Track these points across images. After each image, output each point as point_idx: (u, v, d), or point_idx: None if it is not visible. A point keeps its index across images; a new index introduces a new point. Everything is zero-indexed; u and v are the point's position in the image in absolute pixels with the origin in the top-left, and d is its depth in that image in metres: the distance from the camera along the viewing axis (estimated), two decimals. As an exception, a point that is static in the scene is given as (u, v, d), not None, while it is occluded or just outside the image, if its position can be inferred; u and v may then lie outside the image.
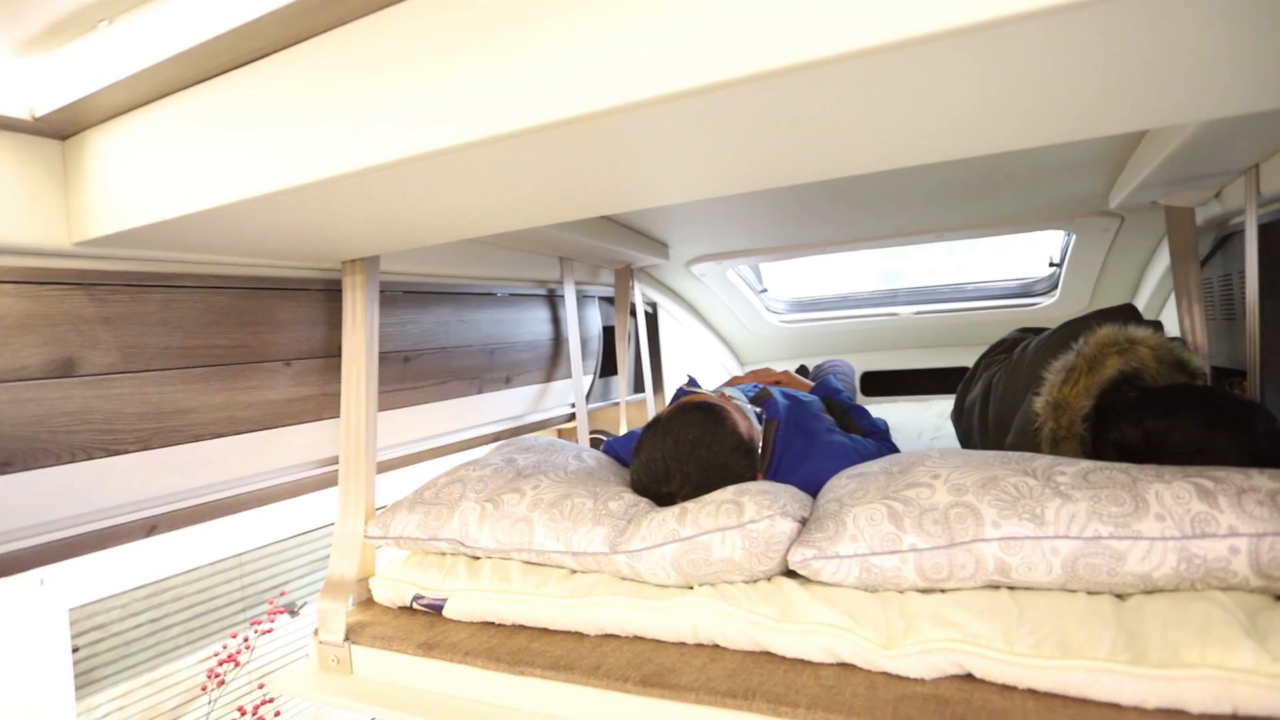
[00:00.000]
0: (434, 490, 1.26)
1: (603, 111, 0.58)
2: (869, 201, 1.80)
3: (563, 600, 1.04)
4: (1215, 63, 0.56)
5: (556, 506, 1.12)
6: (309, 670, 1.16)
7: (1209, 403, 1.06)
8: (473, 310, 1.78)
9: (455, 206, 0.93)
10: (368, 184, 0.77)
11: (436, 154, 0.67)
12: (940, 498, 0.92)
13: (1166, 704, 0.71)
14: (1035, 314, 2.60)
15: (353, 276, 1.26)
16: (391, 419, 1.53)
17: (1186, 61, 0.55)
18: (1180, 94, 0.63)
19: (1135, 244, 2.16)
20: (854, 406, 1.68)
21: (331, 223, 0.97)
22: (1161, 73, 0.57)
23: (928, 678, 0.82)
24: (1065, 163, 1.54)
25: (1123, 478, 0.87)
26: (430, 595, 1.16)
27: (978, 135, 0.73)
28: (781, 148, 0.74)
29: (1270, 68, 0.58)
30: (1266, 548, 0.76)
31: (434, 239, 1.15)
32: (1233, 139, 1.12)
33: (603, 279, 2.28)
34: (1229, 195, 1.43)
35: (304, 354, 1.31)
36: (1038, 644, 0.78)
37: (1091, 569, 0.83)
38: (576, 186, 0.87)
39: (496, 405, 1.88)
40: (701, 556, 0.98)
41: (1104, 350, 1.21)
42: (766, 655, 0.92)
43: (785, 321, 2.96)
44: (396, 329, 1.53)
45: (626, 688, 0.89)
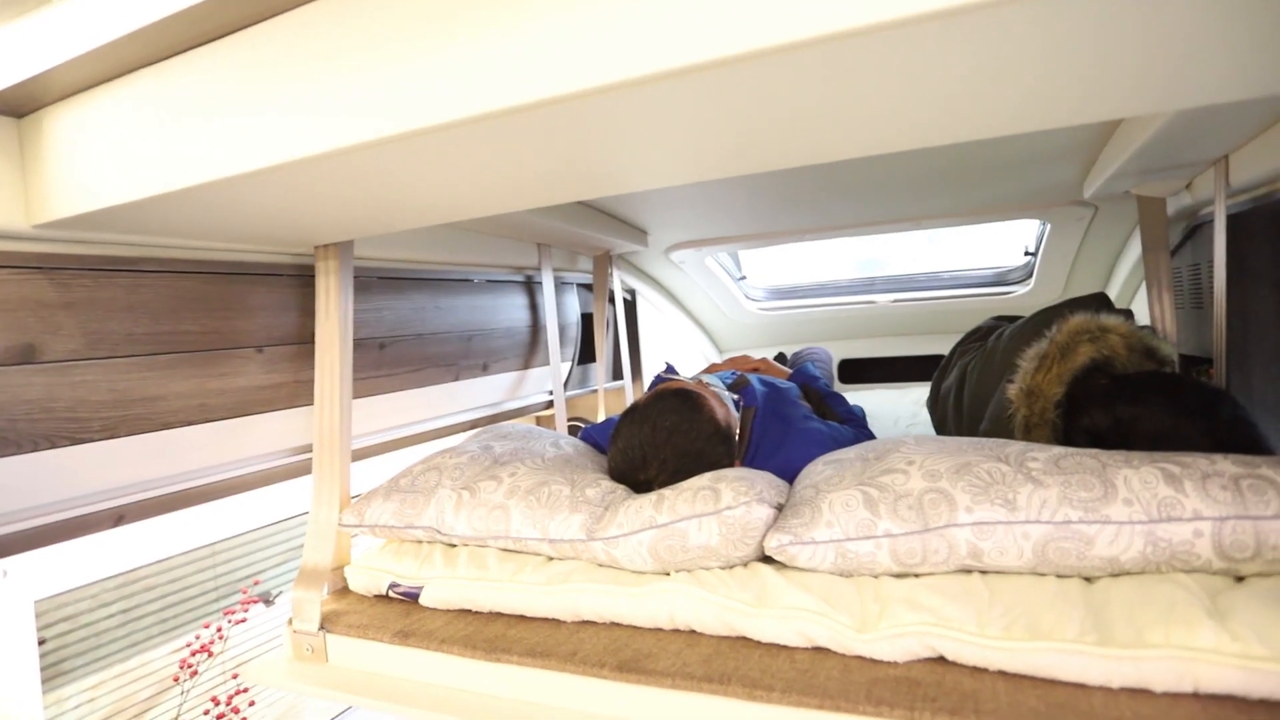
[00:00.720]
0: (410, 478, 1.25)
1: (575, 94, 0.57)
2: (848, 189, 1.81)
3: (540, 587, 1.04)
4: (1199, 50, 0.56)
5: (533, 494, 1.12)
6: (283, 659, 1.15)
7: (1176, 390, 1.08)
8: (449, 297, 1.76)
9: (428, 191, 0.92)
10: (339, 167, 0.75)
11: (408, 136, 0.66)
12: (915, 484, 0.93)
13: (1131, 683, 0.72)
14: (1011, 302, 2.64)
15: (326, 262, 1.24)
16: (367, 406, 1.52)
17: (1172, 48, 0.56)
18: (1163, 81, 0.63)
19: (1108, 233, 2.19)
20: (831, 393, 1.69)
21: (302, 207, 0.96)
22: (1147, 59, 0.58)
23: (901, 660, 0.83)
24: (1041, 152, 1.55)
25: (1093, 463, 0.88)
26: (406, 583, 1.15)
27: (959, 122, 0.73)
28: (760, 133, 0.74)
29: (1247, 56, 0.58)
30: (1229, 531, 0.78)
31: (408, 224, 1.13)
32: (1203, 130, 1.13)
33: (581, 266, 2.27)
34: (1199, 186, 1.45)
35: (276, 340, 1.29)
36: (1008, 627, 0.79)
37: (1061, 553, 0.84)
38: (551, 171, 0.86)
39: (474, 393, 1.87)
40: (678, 543, 0.98)
41: (1076, 338, 1.23)
42: (742, 640, 0.92)
43: (764, 309, 2.97)
44: (372, 315, 1.51)
45: (603, 673, 0.90)
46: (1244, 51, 0.57)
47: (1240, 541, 0.77)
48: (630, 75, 0.55)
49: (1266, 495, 0.77)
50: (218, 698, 2.14)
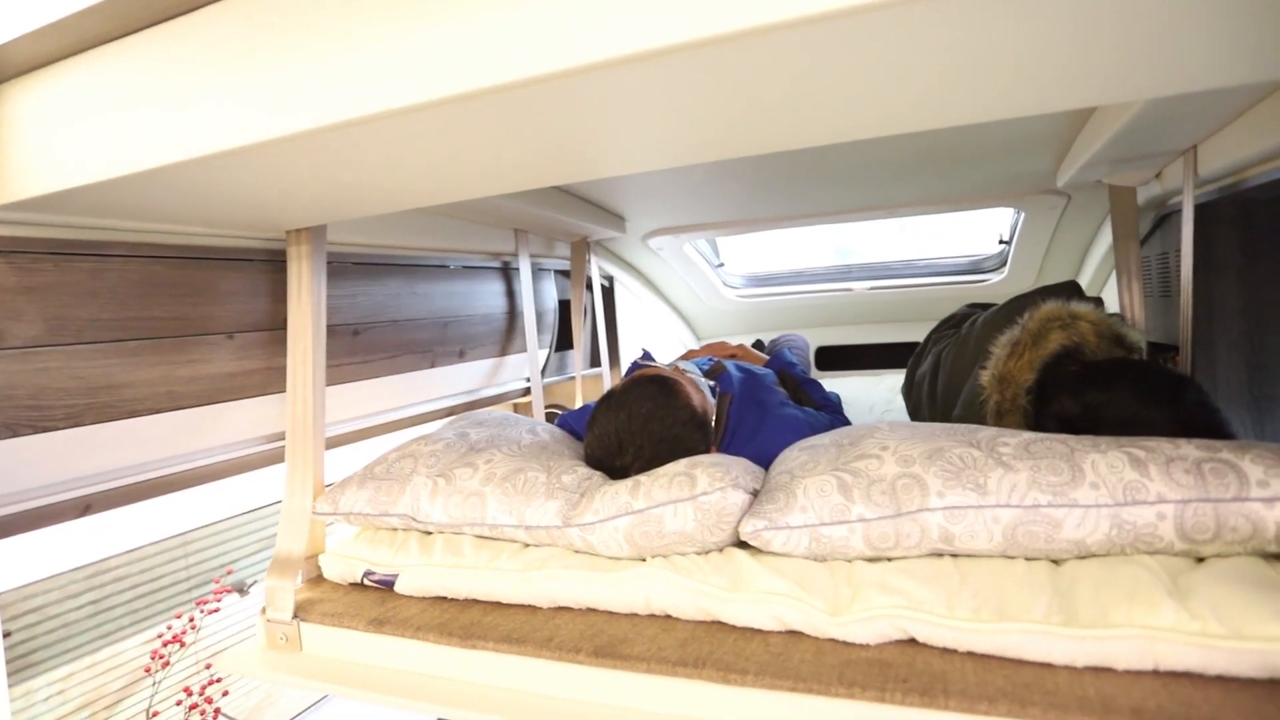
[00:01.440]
0: (385, 465, 1.24)
1: (546, 77, 0.57)
2: (825, 177, 1.81)
3: (516, 574, 1.04)
4: (1173, 38, 0.57)
5: (509, 481, 1.12)
6: (257, 649, 1.14)
7: (1143, 376, 1.10)
8: (425, 283, 1.74)
9: (401, 175, 0.90)
10: (308, 150, 0.74)
11: (377, 119, 0.65)
12: (888, 469, 0.94)
13: (1095, 662, 0.74)
14: (985, 290, 2.66)
15: (298, 247, 1.22)
16: (341, 393, 1.50)
17: (1147, 37, 0.56)
18: (1137, 69, 0.64)
19: (1081, 222, 2.22)
20: (807, 380, 1.70)
21: (272, 190, 0.94)
22: (1123, 48, 0.58)
23: (873, 643, 0.84)
24: (1015, 141, 1.56)
25: (1061, 448, 0.89)
26: (381, 571, 1.14)
27: (936, 108, 0.73)
28: (736, 118, 0.73)
29: (1217, 46, 0.59)
30: (1190, 513, 0.79)
31: (381, 208, 1.12)
32: (1173, 120, 1.15)
33: (558, 252, 2.26)
34: (1168, 176, 1.47)
35: (247, 327, 1.27)
36: (977, 609, 0.80)
37: (1030, 536, 0.86)
38: (525, 155, 0.85)
39: (450, 379, 1.86)
40: (654, 529, 0.98)
41: (1047, 325, 1.24)
42: (717, 624, 0.93)
43: (742, 296, 2.98)
44: (346, 301, 1.49)
45: (579, 659, 0.90)
46: (1214, 41, 0.58)
47: (1201, 523, 0.79)
48: (602, 58, 0.54)
49: (1227, 478, 0.79)
50: (190, 688, 2.12)
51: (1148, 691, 0.70)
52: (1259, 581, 0.74)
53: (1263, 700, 0.67)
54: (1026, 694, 0.72)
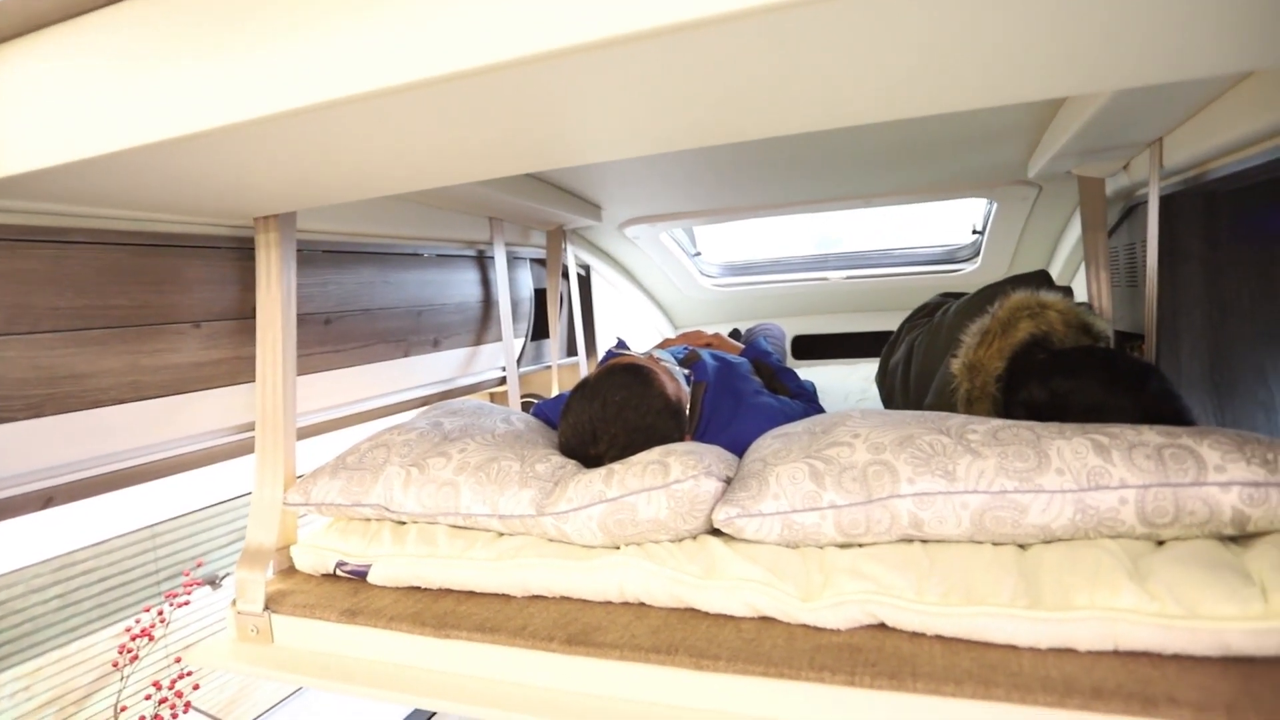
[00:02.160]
0: (357, 455, 1.23)
1: (514, 62, 0.56)
2: (800, 166, 1.82)
3: (489, 563, 1.04)
4: (1142, 30, 0.57)
5: (483, 470, 1.11)
6: (227, 641, 1.13)
7: (1109, 364, 1.12)
8: (398, 271, 1.72)
9: (370, 161, 0.89)
10: (273, 134, 0.72)
11: (343, 103, 0.64)
12: (859, 456, 0.95)
13: (1058, 643, 0.75)
14: (959, 279, 2.70)
15: (266, 234, 1.19)
16: (312, 383, 1.48)
17: (1116, 28, 0.57)
18: (1106, 60, 0.64)
19: (1052, 213, 2.25)
20: (783, 369, 1.71)
21: (239, 176, 0.92)
22: (1093, 38, 0.59)
23: (843, 628, 0.85)
24: (988, 132, 1.58)
25: (1028, 435, 0.91)
26: (354, 561, 1.14)
27: (910, 98, 0.73)
28: (710, 106, 0.73)
29: (1183, 39, 0.60)
30: (1151, 498, 0.81)
31: (352, 195, 1.10)
32: (1139, 113, 1.17)
33: (534, 240, 2.24)
34: (1135, 168, 1.49)
35: (215, 315, 1.24)
36: (945, 593, 0.81)
37: (997, 521, 0.87)
38: (498, 142, 0.84)
39: (424, 369, 1.84)
40: (628, 517, 0.98)
41: (1016, 314, 1.26)
42: (691, 611, 0.93)
43: (718, 285, 2.99)
44: (317, 290, 1.47)
45: (552, 647, 0.90)
46: (1180, 34, 0.59)
47: (1161, 508, 0.81)
48: (570, 43, 0.54)
49: (1186, 464, 0.81)
50: (160, 682, 2.10)
51: (1108, 671, 0.71)
52: (1214, 563, 0.76)
53: (1216, 677, 0.69)
54: (992, 675, 0.73)
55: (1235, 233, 1.41)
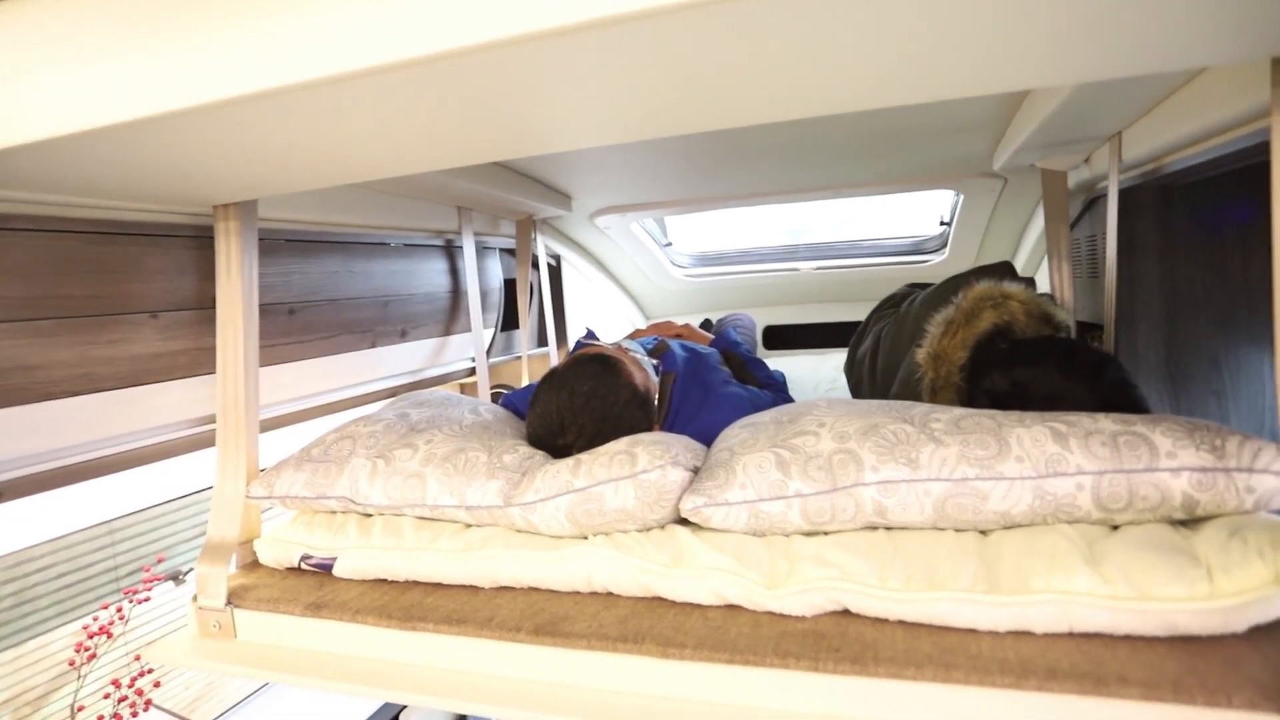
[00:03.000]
0: (322, 448, 1.22)
1: (479, 47, 0.55)
2: (771, 157, 1.82)
3: (456, 554, 1.03)
4: (1106, 23, 0.58)
5: (450, 461, 1.10)
6: (188, 637, 1.11)
7: (1068, 354, 1.15)
8: (364, 261, 1.69)
9: (333, 149, 0.87)
10: (228, 121, 0.71)
11: (306, 88, 0.62)
12: (825, 445, 0.96)
13: (1016, 626, 0.77)
14: (927, 270, 2.73)
15: (226, 222, 1.17)
16: (276, 374, 1.46)
17: (1082, 21, 0.57)
18: (1069, 54, 0.65)
19: (1017, 206, 2.29)
20: (752, 359, 1.72)
21: (195, 163, 0.90)
22: (1057, 31, 0.59)
23: (808, 615, 0.86)
24: (954, 124, 1.60)
25: (989, 423, 0.92)
26: (319, 555, 1.12)
27: (877, 88, 0.73)
28: (679, 94, 0.73)
29: (1143, 33, 0.61)
30: (1106, 484, 0.83)
31: (313, 184, 1.08)
32: (1099, 106, 1.19)
33: (504, 230, 2.22)
34: (1096, 161, 1.52)
35: (173, 305, 1.21)
36: (908, 579, 0.83)
37: (959, 508, 0.89)
38: (464, 130, 0.83)
39: (391, 359, 1.82)
40: (595, 507, 0.98)
41: (980, 304, 1.28)
42: (658, 600, 0.94)
43: (690, 275, 2.99)
44: (280, 279, 1.44)
45: (519, 638, 0.90)
46: (1139, 29, 0.60)
47: (1115, 493, 0.83)
48: (535, 29, 0.53)
49: (1139, 450, 0.83)
50: (119, 680, 2.05)
51: (1062, 652, 0.73)
52: (1165, 546, 0.78)
53: (1164, 656, 0.71)
54: (952, 659, 0.74)
55: (1189, 225, 1.44)
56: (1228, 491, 0.80)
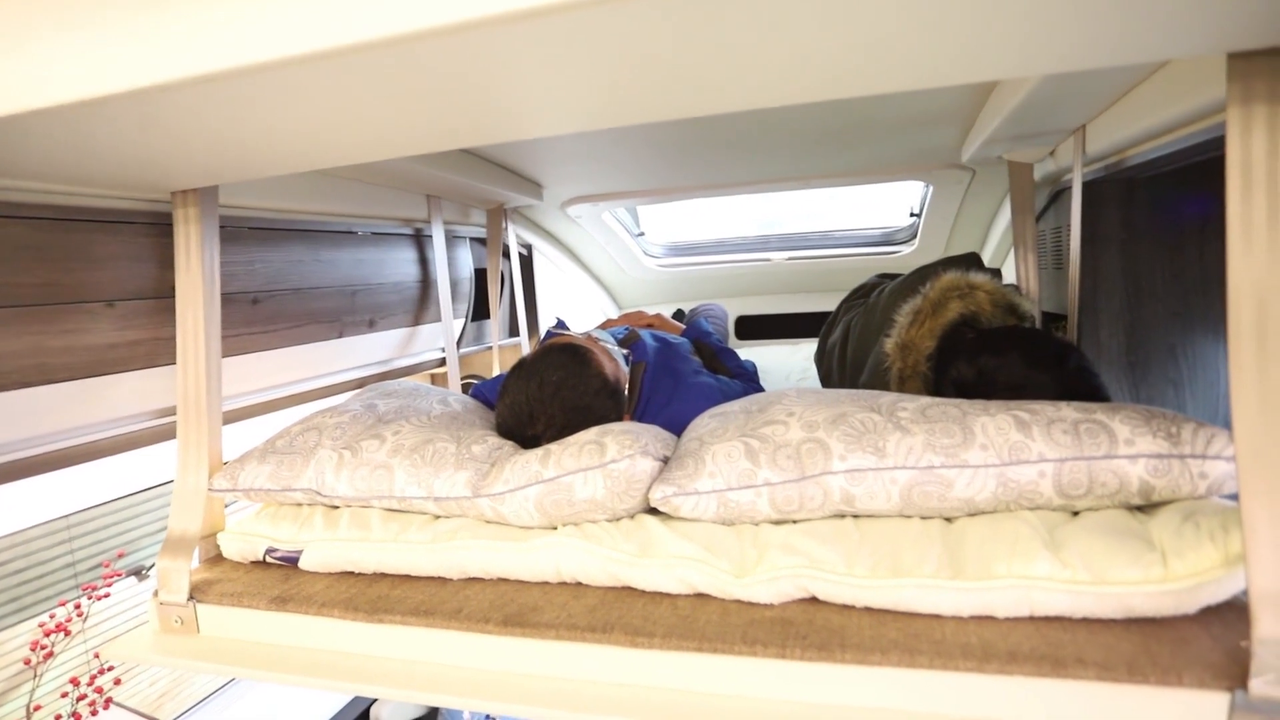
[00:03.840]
0: (287, 439, 1.20)
1: (441, 30, 0.54)
2: (742, 147, 1.83)
3: (425, 546, 1.02)
4: (1069, 15, 0.59)
5: (418, 452, 1.09)
6: (149, 634, 1.08)
7: (1032, 343, 1.17)
8: (331, 249, 1.66)
9: (294, 134, 0.85)
10: (188, 103, 0.68)
11: (261, 70, 0.60)
12: (794, 434, 0.97)
13: (978, 611, 0.79)
14: (897, 261, 2.76)
15: (185, 209, 1.14)
16: (240, 365, 1.43)
17: (1045, 12, 0.58)
18: (1034, 44, 0.66)
19: (984, 197, 2.32)
20: (723, 349, 1.72)
21: (152, 147, 0.87)
22: (1023, 22, 0.60)
23: (776, 602, 0.86)
24: (923, 116, 1.61)
25: (955, 412, 0.94)
26: (285, 548, 1.11)
27: (844, 77, 0.73)
28: (643, 82, 0.72)
29: (1105, 26, 0.61)
30: (1067, 471, 0.85)
31: (275, 170, 1.06)
32: (1064, 99, 1.20)
33: (474, 219, 2.20)
34: (1061, 154, 1.55)
35: (130, 294, 1.18)
36: (874, 566, 0.84)
37: (925, 495, 0.90)
38: (429, 116, 0.82)
39: (359, 350, 1.79)
40: (564, 497, 0.98)
41: (947, 294, 1.30)
42: (627, 590, 0.94)
43: (662, 266, 2.99)
44: (243, 268, 1.41)
45: (488, 629, 0.89)
46: (1102, 21, 0.60)
47: (1076, 480, 0.85)
48: (500, 10, 0.52)
49: (1099, 438, 0.85)
50: (78, 679, 2.00)
51: (1023, 636, 0.75)
52: (1122, 531, 0.80)
53: (1119, 638, 0.73)
54: (916, 644, 0.76)
55: (1150, 218, 1.47)
56: (1182, 477, 0.82)
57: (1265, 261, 0.67)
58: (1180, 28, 0.62)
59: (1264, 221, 0.68)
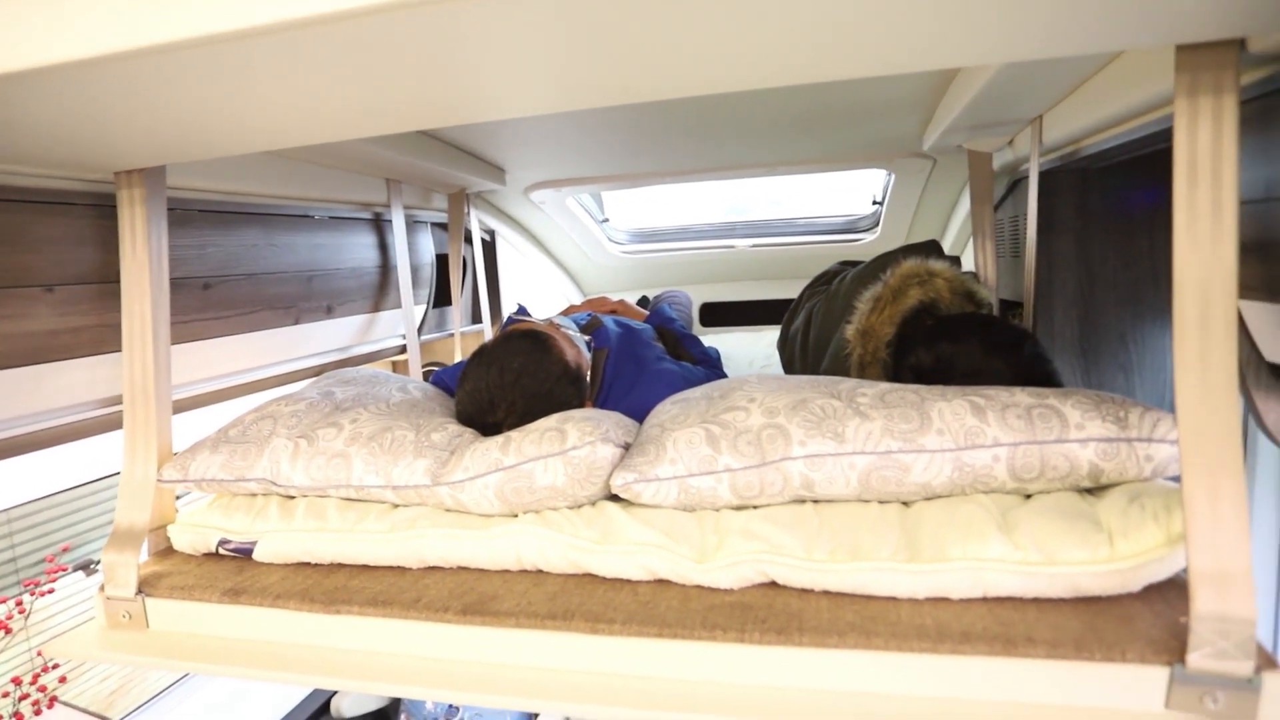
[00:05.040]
0: (241, 428, 1.17)
1: (391, 5, 0.52)
2: (704, 133, 1.82)
3: (383, 535, 1.01)
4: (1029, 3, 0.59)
5: (376, 440, 1.07)
6: (96, 630, 1.05)
7: (988, 330, 1.19)
8: (286, 233, 1.62)
9: (244, 112, 0.82)
10: (125, 78, 0.65)
11: (201, 43, 0.58)
12: (754, 420, 0.97)
13: (933, 593, 0.80)
14: (860, 249, 2.79)
15: (130, 190, 1.09)
16: (191, 352, 1.38)
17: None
18: (995, 32, 0.66)
19: (945, 186, 2.35)
20: (686, 335, 1.72)
21: (93, 124, 0.83)
22: (982, 9, 0.60)
23: (736, 588, 0.87)
24: (885, 103, 1.62)
25: (913, 397, 0.95)
26: (238, 539, 1.08)
27: (805, 62, 0.73)
28: (602, 64, 0.71)
29: (1061, 15, 0.62)
30: (1020, 455, 0.86)
31: (226, 150, 1.02)
32: (1022, 89, 1.22)
33: (435, 204, 2.16)
34: (1019, 143, 1.57)
35: (71, 279, 1.13)
36: (832, 551, 0.84)
37: (883, 480, 0.91)
38: (382, 95, 0.79)
39: (317, 336, 1.75)
40: (525, 484, 0.97)
41: (906, 281, 1.31)
42: (588, 577, 0.94)
43: (627, 252, 2.98)
44: (194, 252, 1.37)
45: (447, 618, 0.89)
46: (1054, 10, 0.61)
47: (1028, 464, 0.87)
48: None
49: (1051, 422, 0.86)
50: (20, 678, 1.94)
51: (976, 616, 0.76)
52: (1072, 513, 0.82)
53: (1067, 616, 0.75)
54: (872, 626, 0.77)
55: (1102, 208, 1.51)
56: (1129, 460, 0.84)
57: (1209, 251, 0.69)
58: (1131, 19, 0.63)
59: (1208, 211, 0.69)
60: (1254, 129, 0.78)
